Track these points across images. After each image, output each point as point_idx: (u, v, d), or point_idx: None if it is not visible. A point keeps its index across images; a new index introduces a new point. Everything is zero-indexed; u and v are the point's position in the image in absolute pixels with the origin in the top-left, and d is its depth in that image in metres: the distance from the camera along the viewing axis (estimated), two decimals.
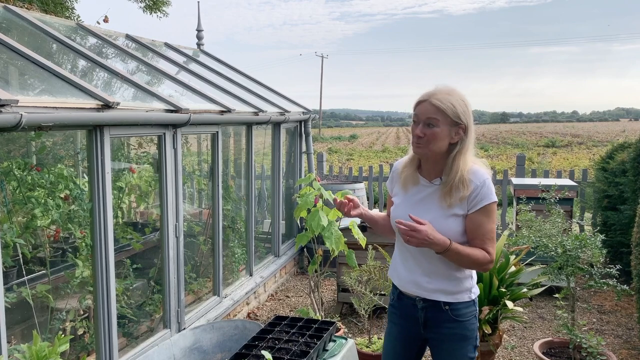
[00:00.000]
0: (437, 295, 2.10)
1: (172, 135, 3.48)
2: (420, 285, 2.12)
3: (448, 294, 2.09)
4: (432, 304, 2.12)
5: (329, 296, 5.26)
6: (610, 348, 3.99)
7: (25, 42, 3.30)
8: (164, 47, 5.45)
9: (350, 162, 20.97)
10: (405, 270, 2.16)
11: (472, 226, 2.03)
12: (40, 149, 3.54)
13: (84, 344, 3.21)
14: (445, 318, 2.11)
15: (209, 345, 2.79)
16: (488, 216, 2.02)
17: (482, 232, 2.02)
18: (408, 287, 2.16)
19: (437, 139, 1.99)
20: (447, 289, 2.09)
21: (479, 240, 2.03)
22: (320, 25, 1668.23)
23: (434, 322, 2.14)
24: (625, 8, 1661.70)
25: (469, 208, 2.02)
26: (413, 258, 2.13)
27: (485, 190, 2.01)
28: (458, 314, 2.11)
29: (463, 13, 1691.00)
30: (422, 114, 2.00)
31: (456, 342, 2.13)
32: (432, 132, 1.98)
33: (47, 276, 3.22)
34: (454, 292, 2.10)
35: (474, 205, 2.01)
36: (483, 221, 2.02)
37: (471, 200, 2.01)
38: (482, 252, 2.02)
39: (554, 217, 3.79)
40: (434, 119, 1.98)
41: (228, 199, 4.83)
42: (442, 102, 1.97)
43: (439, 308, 2.11)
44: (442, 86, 2.04)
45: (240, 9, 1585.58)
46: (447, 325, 2.11)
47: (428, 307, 2.13)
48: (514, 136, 47.44)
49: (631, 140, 6.27)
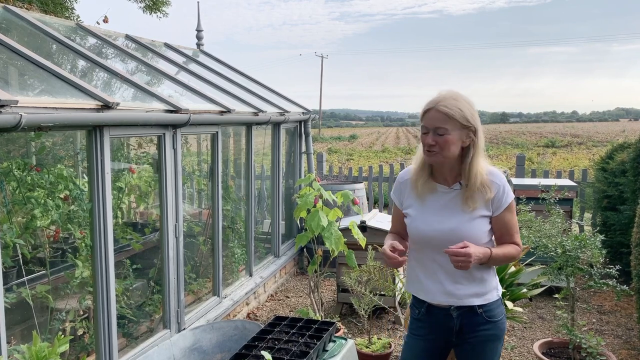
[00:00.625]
0: (470, 300, 2.11)
1: (172, 135, 3.48)
2: (453, 294, 2.11)
3: (480, 297, 2.11)
4: (466, 309, 2.12)
5: (328, 296, 5.26)
6: (609, 348, 3.99)
7: (25, 42, 3.30)
8: (164, 48, 5.45)
9: (350, 162, 20.97)
10: (433, 283, 2.14)
11: (501, 224, 2.10)
12: (39, 149, 3.54)
13: (84, 345, 3.20)
14: (480, 321, 2.12)
15: (208, 345, 2.79)
16: (512, 212, 2.11)
17: (510, 227, 2.11)
18: (440, 299, 2.13)
19: (450, 145, 2.00)
20: (478, 291, 2.11)
21: (509, 236, 2.11)
22: (320, 25, 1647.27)
23: (470, 327, 2.13)
24: (624, 8, 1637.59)
25: (494, 209, 2.07)
26: (442, 269, 2.10)
27: (507, 190, 2.09)
28: (491, 315, 2.13)
29: (463, 13, 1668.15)
30: (431, 123, 2.00)
31: (491, 342, 2.15)
32: (443, 140, 1.99)
33: (46, 276, 3.21)
34: (484, 292, 2.12)
35: (499, 206, 2.07)
36: (510, 218, 2.11)
37: (497, 201, 2.06)
38: (514, 247, 2.12)
39: (554, 218, 3.79)
40: (442, 127, 1.98)
41: (228, 199, 4.83)
42: (449, 108, 1.98)
43: (474, 313, 2.12)
44: (445, 92, 2.04)
45: (239, 9, 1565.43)
46: (483, 327, 2.13)
47: (463, 314, 2.13)
48: (513, 136, 47.44)
49: (631, 141, 6.27)
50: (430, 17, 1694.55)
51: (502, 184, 2.07)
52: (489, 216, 2.08)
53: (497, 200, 2.05)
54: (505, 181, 2.08)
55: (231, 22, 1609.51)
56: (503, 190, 2.06)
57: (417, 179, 2.13)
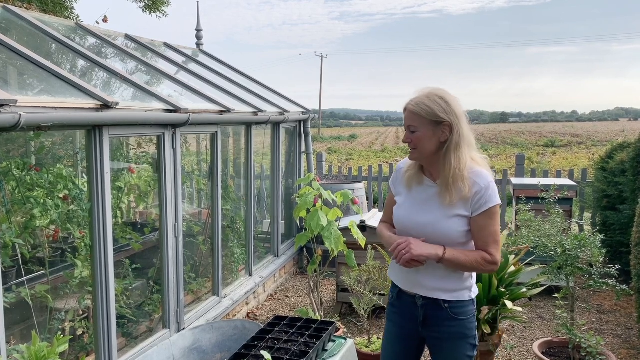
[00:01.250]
0: (437, 294, 2.11)
1: (171, 135, 3.48)
2: (421, 284, 2.14)
3: (448, 292, 2.11)
4: (431, 301, 2.13)
5: (328, 296, 5.26)
6: (609, 348, 3.99)
7: (25, 42, 3.30)
8: (163, 47, 5.45)
9: (349, 162, 20.96)
10: (407, 270, 2.16)
11: (476, 228, 2.05)
12: (39, 149, 3.54)
13: (83, 344, 3.20)
14: (445, 316, 2.12)
15: (208, 345, 2.79)
16: (492, 218, 2.04)
17: (486, 234, 2.05)
18: (408, 286, 2.18)
19: (422, 141, 2.05)
20: (447, 287, 2.11)
21: (482, 242, 2.06)
22: (319, 25, 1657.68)
23: (433, 320, 2.14)
24: (624, 8, 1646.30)
25: (473, 210, 2.04)
26: None
27: (490, 193, 2.03)
28: (457, 312, 2.12)
29: (462, 13, 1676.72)
30: (405, 122, 2.09)
31: (455, 340, 2.13)
32: (415, 137, 2.06)
33: (46, 276, 3.21)
34: (454, 290, 2.11)
35: (478, 207, 2.03)
36: (487, 224, 2.04)
37: (475, 202, 2.03)
38: (481, 254, 2.04)
39: (554, 217, 3.79)
40: (413, 125, 2.06)
41: (227, 199, 4.83)
42: (415, 105, 2.04)
43: (439, 306, 2.12)
44: (421, 89, 2.09)
45: (239, 9, 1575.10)
46: (446, 323, 2.12)
47: (427, 305, 2.14)
48: (513, 136, 47.44)
49: (630, 140, 6.27)
50: (430, 16, 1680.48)
51: (485, 186, 2.02)
52: (467, 216, 2.05)
53: (477, 200, 2.02)
54: (490, 184, 2.03)
55: (231, 22, 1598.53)
56: (484, 192, 2.01)
57: (408, 169, 2.19)
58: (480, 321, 3.35)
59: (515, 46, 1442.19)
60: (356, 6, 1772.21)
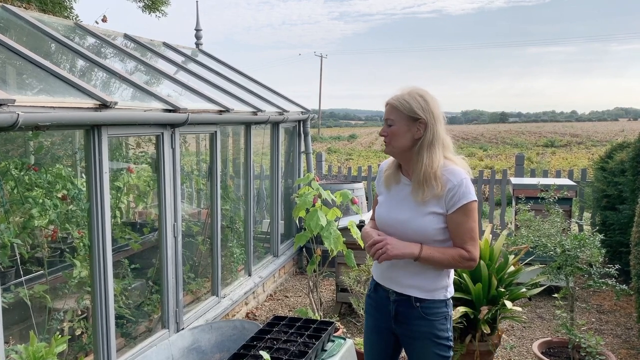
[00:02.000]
0: (411, 291, 2.14)
1: (171, 135, 3.47)
2: (396, 280, 2.17)
3: (423, 291, 2.13)
4: (404, 298, 2.15)
5: (327, 296, 5.25)
6: (609, 348, 3.99)
7: (23, 41, 3.29)
8: (163, 47, 5.44)
9: (349, 162, 20.96)
10: (386, 265, 2.21)
11: (452, 226, 2.07)
12: (37, 148, 3.53)
13: (82, 345, 3.20)
14: (415, 315, 2.14)
15: (207, 345, 2.78)
16: (467, 215, 2.05)
17: (462, 231, 2.06)
18: (385, 281, 2.22)
19: (396, 136, 2.08)
20: (422, 285, 2.13)
21: (459, 239, 2.07)
22: (319, 25, 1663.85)
23: (404, 317, 2.17)
24: (622, 8, 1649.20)
25: (447, 208, 2.06)
26: None
27: (464, 190, 2.03)
28: (428, 312, 2.13)
29: (462, 13, 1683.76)
30: (384, 115, 2.13)
31: (425, 340, 2.14)
32: (390, 131, 2.10)
33: (44, 276, 3.21)
34: (430, 289, 2.13)
35: (452, 205, 2.04)
36: (462, 220, 2.05)
37: (449, 199, 2.04)
38: (458, 251, 2.06)
39: (553, 217, 3.79)
40: (390, 118, 2.10)
41: (227, 198, 4.83)
42: (395, 100, 2.09)
43: (410, 304, 2.14)
44: (405, 87, 2.13)
45: (239, 9, 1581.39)
46: (416, 322, 2.14)
47: (400, 301, 2.17)
48: (513, 136, 47.46)
49: (630, 140, 6.27)
50: (429, 16, 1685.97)
51: (458, 183, 2.02)
52: (442, 214, 2.06)
53: (450, 198, 2.03)
54: (464, 182, 2.03)
55: (230, 22, 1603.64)
56: (457, 190, 2.02)
57: (387, 169, 2.24)
58: (479, 321, 3.35)
59: (514, 46, 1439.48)
60: (356, 6, 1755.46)
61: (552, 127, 70.88)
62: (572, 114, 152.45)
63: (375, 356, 2.33)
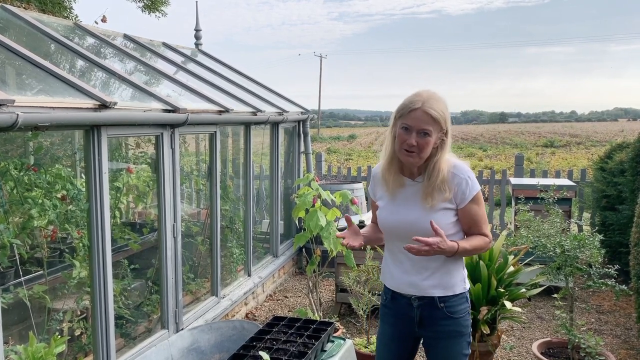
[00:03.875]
0: (432, 292, 2.13)
1: (170, 135, 3.47)
2: (416, 284, 2.15)
3: (443, 288, 2.13)
4: (427, 301, 2.14)
5: (327, 296, 5.25)
6: (608, 348, 3.99)
7: (23, 42, 3.29)
8: (162, 47, 5.44)
9: (349, 162, 20.95)
10: (399, 271, 2.18)
11: (468, 216, 2.11)
12: (37, 149, 3.52)
13: (82, 345, 3.19)
14: (440, 315, 2.14)
15: (207, 345, 2.78)
16: (479, 204, 2.11)
17: (477, 219, 2.12)
18: (403, 288, 2.18)
19: (428, 147, 2.02)
20: (441, 282, 2.13)
21: (477, 227, 2.13)
22: (318, 25, 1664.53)
23: (429, 320, 2.16)
24: (621, 8, 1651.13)
25: (458, 202, 2.08)
26: (408, 259, 2.14)
27: (471, 183, 2.08)
28: (452, 311, 2.14)
29: (461, 13, 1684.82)
30: (417, 123, 1.99)
31: (451, 338, 2.15)
32: (425, 142, 2.00)
33: (44, 277, 3.20)
34: (449, 285, 2.13)
35: (464, 199, 2.07)
36: (476, 210, 2.11)
37: (460, 194, 2.07)
38: (482, 238, 2.13)
39: (553, 217, 3.79)
40: (428, 129, 1.98)
41: (226, 199, 4.83)
42: (435, 110, 1.98)
43: (434, 305, 2.14)
44: (427, 92, 2.04)
45: (238, 9, 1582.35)
46: (442, 322, 2.14)
47: (423, 305, 2.15)
48: (512, 136, 47.45)
49: (629, 140, 6.27)
50: (429, 17, 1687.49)
51: (466, 177, 2.07)
52: (453, 208, 2.09)
53: (461, 193, 2.06)
54: (469, 173, 2.09)
55: (230, 22, 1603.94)
56: (466, 183, 2.06)
57: (387, 174, 2.17)
58: (479, 322, 3.35)
59: (514, 46, 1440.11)
60: (355, 6, 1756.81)
61: (552, 127, 70.88)
62: (571, 114, 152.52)
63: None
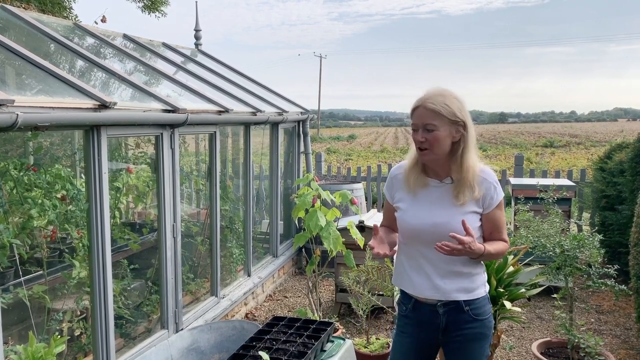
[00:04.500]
0: (457, 295, 2.10)
1: (170, 135, 3.47)
2: (440, 289, 2.10)
3: (467, 292, 2.11)
4: (453, 306, 2.11)
5: (327, 296, 5.25)
6: (608, 348, 3.99)
7: (23, 42, 3.29)
8: (162, 47, 5.44)
9: (348, 162, 20.95)
10: (420, 277, 2.13)
11: (492, 222, 2.11)
12: (37, 149, 3.53)
13: (81, 345, 3.19)
14: (467, 319, 2.12)
15: (206, 345, 2.78)
16: (502, 209, 2.14)
17: (500, 224, 2.13)
18: (427, 294, 2.13)
19: (439, 141, 2.00)
20: (465, 286, 2.11)
21: (498, 233, 2.13)
22: (318, 25, 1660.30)
23: (455, 324, 2.13)
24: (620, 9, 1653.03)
25: (485, 207, 2.08)
26: (430, 263, 2.11)
27: (498, 189, 2.11)
28: (478, 313, 2.12)
29: (461, 13, 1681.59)
30: (420, 120, 2.02)
31: (476, 341, 2.15)
32: (433, 136, 2.00)
33: (44, 277, 3.20)
34: (473, 288, 2.12)
35: (491, 204, 2.08)
36: (500, 215, 2.12)
37: (488, 199, 2.07)
38: (503, 243, 2.14)
39: (552, 217, 3.79)
40: (430, 123, 2.00)
41: (226, 199, 4.82)
42: (436, 104, 1.99)
43: (460, 310, 2.11)
44: (432, 89, 2.06)
45: (238, 9, 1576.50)
46: (469, 325, 2.12)
47: (449, 311, 2.12)
48: (512, 136, 47.47)
49: (629, 140, 6.27)
50: (428, 17, 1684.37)
51: (493, 182, 2.09)
52: (479, 213, 2.09)
53: (489, 198, 2.07)
54: (496, 179, 2.11)
55: (230, 22, 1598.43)
56: (494, 189, 2.08)
57: (409, 174, 2.15)
58: None
59: (513, 46, 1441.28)
60: (355, 7, 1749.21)
61: (551, 127, 70.89)
62: (571, 114, 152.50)
63: None
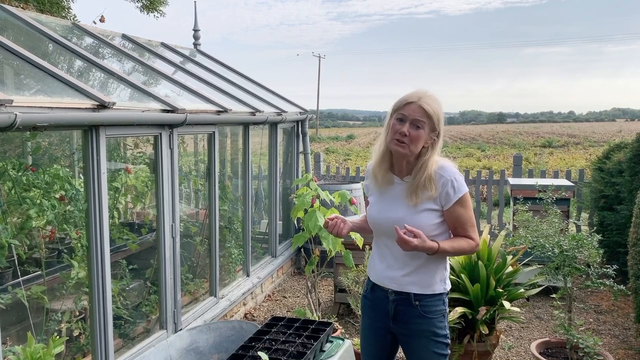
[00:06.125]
0: (409, 287, 2.16)
1: (169, 135, 3.47)
2: (396, 279, 2.18)
3: (421, 286, 2.15)
4: (403, 297, 2.17)
5: (326, 297, 5.25)
6: (607, 348, 4.00)
7: (21, 42, 3.29)
8: (161, 47, 5.44)
9: (347, 162, 20.95)
10: (382, 265, 2.22)
11: (453, 218, 2.13)
12: (35, 149, 3.52)
13: (80, 346, 3.19)
14: (415, 313, 2.16)
15: (205, 346, 2.78)
16: (464, 206, 2.12)
17: (463, 221, 2.13)
18: (384, 281, 2.22)
19: (419, 140, 2.07)
20: (420, 280, 2.15)
21: (461, 229, 2.14)
22: (317, 25, 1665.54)
23: (403, 316, 2.18)
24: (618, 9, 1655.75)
25: (443, 203, 2.11)
26: (392, 255, 2.19)
27: (457, 184, 2.10)
28: (427, 311, 2.15)
29: (459, 14, 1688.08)
30: (411, 115, 2.07)
31: (424, 339, 2.17)
32: (416, 134, 2.06)
33: (42, 277, 3.20)
34: (429, 283, 2.16)
35: (449, 200, 2.10)
36: (461, 212, 2.12)
37: (445, 196, 2.09)
38: (466, 240, 2.14)
39: (551, 217, 3.79)
40: (421, 121, 2.06)
41: (225, 199, 4.82)
42: (431, 106, 2.06)
43: (410, 303, 2.16)
44: (426, 91, 2.11)
45: (237, 9, 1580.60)
46: (416, 320, 2.16)
47: (399, 300, 2.18)
48: (510, 136, 47.52)
49: (627, 141, 6.28)
50: (427, 17, 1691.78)
51: (451, 178, 2.09)
52: (437, 210, 2.11)
53: (446, 194, 2.09)
54: (456, 175, 2.11)
55: (228, 22, 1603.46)
56: (452, 185, 2.09)
57: (377, 171, 2.22)
58: (477, 322, 3.35)
59: (512, 47, 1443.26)
60: (353, 7, 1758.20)
61: (550, 127, 70.97)
62: (569, 114, 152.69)
63: (372, 356, 2.34)
